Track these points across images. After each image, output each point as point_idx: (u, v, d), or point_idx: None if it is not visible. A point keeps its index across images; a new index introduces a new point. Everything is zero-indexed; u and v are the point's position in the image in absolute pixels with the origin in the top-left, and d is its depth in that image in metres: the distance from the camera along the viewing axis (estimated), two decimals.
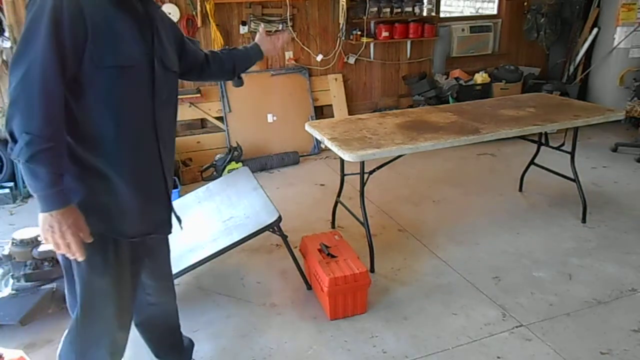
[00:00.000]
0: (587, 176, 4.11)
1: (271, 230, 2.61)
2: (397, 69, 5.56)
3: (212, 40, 4.63)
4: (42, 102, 1.24)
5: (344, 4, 4.85)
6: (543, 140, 3.71)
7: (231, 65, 1.98)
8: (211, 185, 3.31)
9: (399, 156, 3.02)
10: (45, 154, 1.25)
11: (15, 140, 1.25)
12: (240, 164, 4.44)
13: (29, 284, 2.57)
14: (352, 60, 5.27)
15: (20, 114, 1.24)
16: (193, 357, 2.18)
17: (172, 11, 4.44)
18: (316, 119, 4.96)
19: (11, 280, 2.61)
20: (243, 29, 4.76)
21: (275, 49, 2.09)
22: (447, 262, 3.03)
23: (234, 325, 2.53)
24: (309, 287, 2.80)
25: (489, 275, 2.89)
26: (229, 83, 4.90)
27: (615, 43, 5.46)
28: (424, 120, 3.24)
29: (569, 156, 3.47)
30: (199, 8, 4.49)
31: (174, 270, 2.09)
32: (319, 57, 5.10)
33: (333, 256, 2.61)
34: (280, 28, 4.86)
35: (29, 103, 1.24)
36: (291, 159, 4.77)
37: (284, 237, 2.68)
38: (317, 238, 2.79)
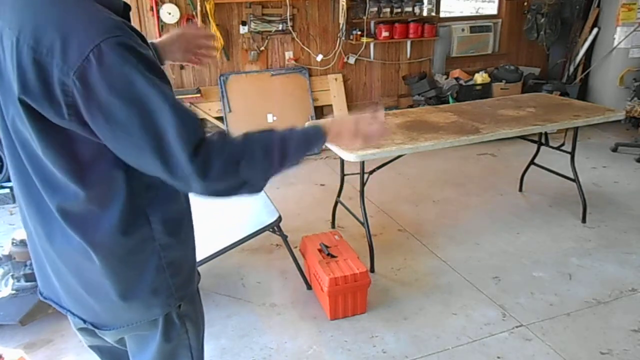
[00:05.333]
0: (587, 176, 4.11)
1: (271, 230, 2.61)
2: (397, 69, 5.56)
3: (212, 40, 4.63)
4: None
5: (344, 4, 4.85)
6: (543, 140, 3.71)
7: None
8: None
9: (399, 156, 3.02)
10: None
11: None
12: None
13: (29, 284, 2.57)
14: (352, 60, 5.27)
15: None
16: None
17: (172, 11, 4.44)
18: (316, 119, 4.96)
19: (11, 280, 2.62)
20: (243, 29, 4.76)
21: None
22: (447, 262, 3.03)
23: (234, 325, 2.52)
24: (309, 287, 2.80)
25: (489, 275, 2.89)
26: (230, 83, 4.95)
27: (615, 43, 5.46)
28: (424, 120, 3.24)
29: (569, 156, 3.47)
30: (199, 8, 4.48)
31: None
32: (319, 57, 5.09)
33: (333, 256, 2.61)
34: (280, 28, 4.86)
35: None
36: None
37: (284, 237, 2.68)
38: (317, 238, 2.79)
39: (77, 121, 0.90)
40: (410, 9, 5.23)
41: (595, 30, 5.68)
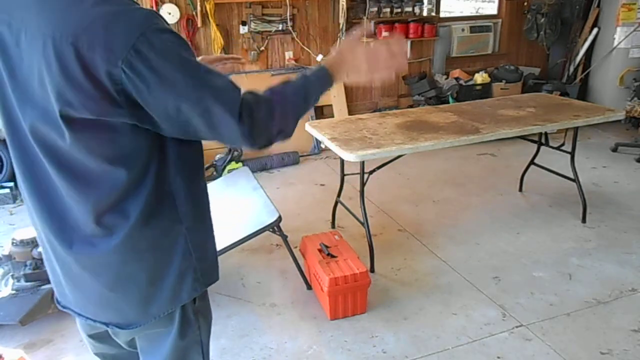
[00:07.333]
0: (587, 176, 4.11)
1: (271, 230, 2.61)
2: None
3: (212, 40, 4.63)
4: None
5: (344, 4, 4.85)
6: (543, 140, 3.71)
7: None
8: (211, 185, 3.31)
9: (399, 156, 3.02)
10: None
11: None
12: (240, 164, 4.44)
13: (29, 284, 2.57)
14: None
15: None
16: None
17: (172, 11, 4.44)
18: (316, 119, 4.96)
19: (11, 280, 2.62)
20: (243, 29, 4.76)
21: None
22: (447, 262, 3.03)
23: (234, 325, 2.52)
24: (309, 287, 2.80)
25: (489, 275, 2.89)
26: None
27: (615, 43, 5.46)
28: (424, 120, 3.24)
29: (569, 156, 3.47)
30: (199, 8, 4.48)
31: None
32: (319, 57, 5.09)
33: (333, 256, 2.61)
34: (280, 28, 4.86)
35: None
36: (291, 159, 4.77)
37: (284, 237, 2.68)
38: (317, 238, 2.79)
39: (127, 106, 0.92)
40: (410, 9, 5.23)
41: (595, 30, 5.68)
